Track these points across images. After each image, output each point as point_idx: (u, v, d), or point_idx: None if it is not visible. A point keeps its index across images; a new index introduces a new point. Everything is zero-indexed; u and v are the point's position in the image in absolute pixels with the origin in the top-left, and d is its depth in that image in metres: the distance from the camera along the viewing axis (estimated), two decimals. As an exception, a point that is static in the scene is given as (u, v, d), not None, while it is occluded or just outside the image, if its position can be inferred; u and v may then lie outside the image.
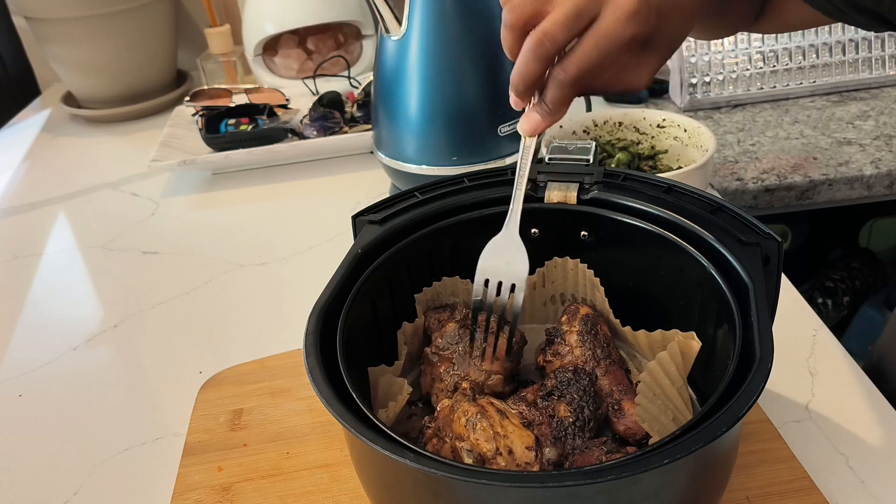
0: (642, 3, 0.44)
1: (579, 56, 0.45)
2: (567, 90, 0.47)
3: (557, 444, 0.49)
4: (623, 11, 0.44)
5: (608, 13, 0.44)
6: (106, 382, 0.74)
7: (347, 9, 1.30)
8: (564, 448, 0.49)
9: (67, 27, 1.26)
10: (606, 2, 0.44)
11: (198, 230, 1.00)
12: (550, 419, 0.50)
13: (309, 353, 0.46)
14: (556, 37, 0.44)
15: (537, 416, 0.50)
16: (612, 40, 0.44)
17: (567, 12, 0.44)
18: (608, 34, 0.44)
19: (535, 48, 0.45)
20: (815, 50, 1.18)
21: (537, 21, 0.45)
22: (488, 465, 0.45)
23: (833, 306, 1.32)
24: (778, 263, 0.51)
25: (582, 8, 0.44)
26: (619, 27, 0.44)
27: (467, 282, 0.61)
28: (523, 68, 0.46)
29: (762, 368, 0.41)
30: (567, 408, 0.51)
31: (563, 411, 0.51)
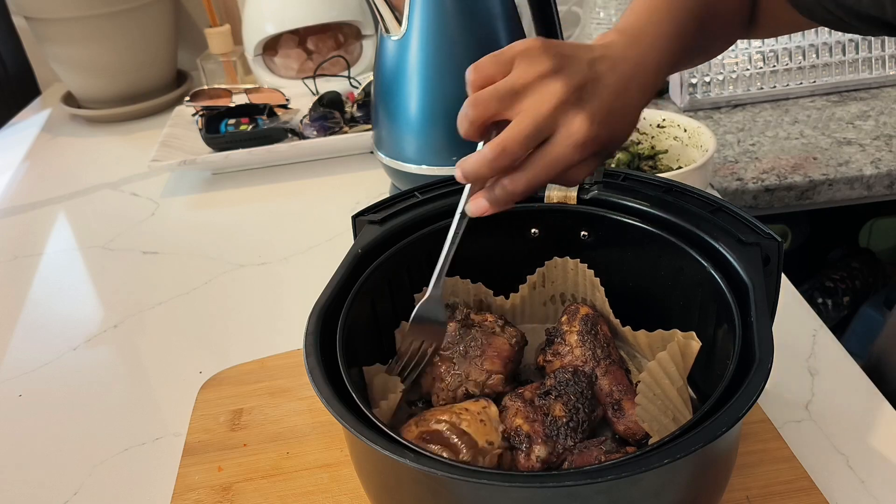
0: (593, 133, 0.47)
1: (529, 176, 0.48)
2: (514, 198, 0.49)
3: (548, 442, 0.49)
4: (574, 141, 0.47)
5: (560, 139, 0.47)
6: (106, 382, 0.74)
7: (347, 9, 1.30)
8: (555, 447, 0.49)
9: (67, 27, 1.26)
10: (561, 126, 0.47)
11: (198, 230, 1.00)
12: (545, 417, 0.50)
13: (309, 353, 0.46)
14: (513, 153, 0.47)
15: (531, 414, 0.50)
16: (564, 164, 0.47)
17: (527, 131, 0.46)
18: (558, 159, 0.47)
19: (493, 159, 0.47)
20: (815, 50, 1.18)
21: (496, 118, 0.48)
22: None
23: (833, 306, 1.32)
24: (778, 263, 0.51)
25: (541, 127, 0.46)
26: (569, 153, 0.47)
27: (467, 282, 0.61)
28: (476, 168, 0.48)
29: (762, 368, 0.41)
30: (562, 408, 0.51)
31: (557, 411, 0.51)
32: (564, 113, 0.47)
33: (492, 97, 0.47)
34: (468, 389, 0.54)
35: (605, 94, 0.48)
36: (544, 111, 0.46)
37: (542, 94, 0.47)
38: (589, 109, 0.47)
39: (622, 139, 0.51)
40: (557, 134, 0.47)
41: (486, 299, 0.62)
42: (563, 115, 0.47)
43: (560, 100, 0.46)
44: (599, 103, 0.48)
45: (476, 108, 0.48)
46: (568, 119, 0.47)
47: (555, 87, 0.46)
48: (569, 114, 0.47)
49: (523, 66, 0.47)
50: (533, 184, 0.48)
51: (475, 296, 0.62)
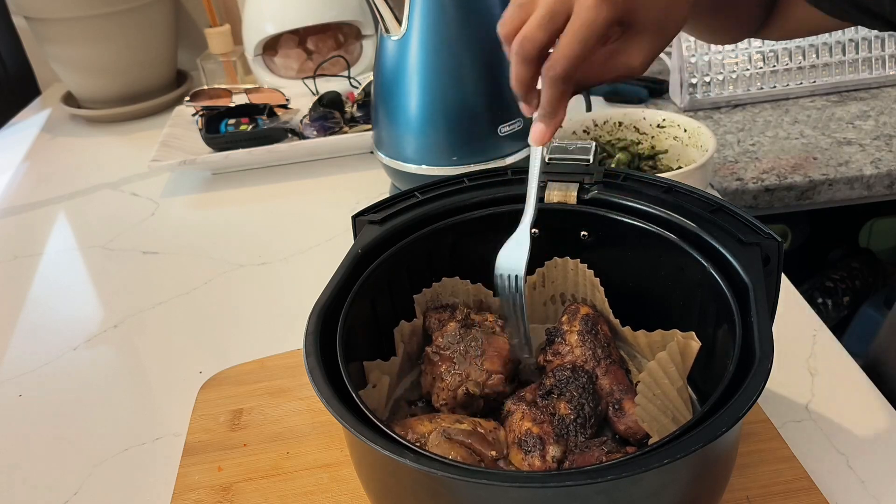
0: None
1: (562, 50, 0.47)
2: (559, 87, 0.48)
3: (560, 441, 0.49)
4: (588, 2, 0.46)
5: (577, 6, 0.46)
6: (106, 382, 0.74)
7: (347, 9, 1.30)
8: (567, 445, 0.49)
9: (67, 27, 1.26)
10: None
11: (198, 230, 1.00)
12: (552, 417, 0.51)
13: (309, 353, 0.46)
14: (534, 37, 0.47)
15: (538, 415, 0.50)
16: (589, 27, 0.46)
17: (541, 12, 0.47)
18: (584, 23, 0.46)
19: (519, 51, 0.48)
20: (815, 50, 1.18)
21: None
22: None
23: (833, 306, 1.32)
24: (778, 263, 0.51)
25: (554, 6, 0.47)
26: (593, 13, 0.46)
27: (467, 282, 0.61)
28: (514, 72, 0.49)
29: (762, 368, 0.41)
30: (567, 405, 0.51)
31: (563, 409, 0.51)
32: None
33: (512, 9, 0.48)
34: (468, 389, 0.54)
35: None
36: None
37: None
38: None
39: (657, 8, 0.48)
40: (575, 3, 0.46)
41: (486, 299, 0.62)
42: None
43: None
44: None
45: (503, 25, 0.49)
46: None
47: None
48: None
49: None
50: (569, 57, 0.47)
51: (475, 296, 0.62)
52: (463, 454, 0.48)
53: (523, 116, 0.86)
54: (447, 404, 0.54)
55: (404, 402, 0.58)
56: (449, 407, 0.54)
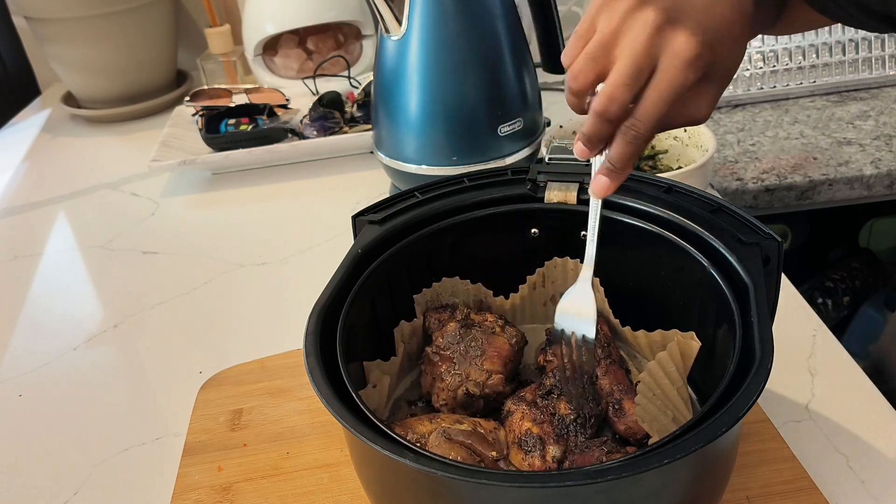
0: (699, 47, 0.43)
1: (647, 111, 0.45)
2: (637, 146, 0.46)
3: (560, 441, 0.49)
4: (682, 60, 0.43)
5: (667, 63, 0.44)
6: (106, 382, 0.74)
7: (347, 9, 1.30)
8: (567, 444, 0.49)
9: (67, 27, 1.26)
10: (662, 51, 0.44)
11: (198, 230, 1.00)
12: (552, 417, 0.51)
13: (309, 353, 0.46)
14: (620, 98, 0.44)
15: (538, 415, 0.50)
16: (676, 90, 0.44)
17: (627, 72, 0.44)
18: (671, 85, 0.44)
19: (602, 112, 0.45)
20: (815, 50, 1.18)
21: (599, 80, 0.46)
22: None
23: (833, 306, 1.32)
24: (778, 263, 0.51)
25: (641, 64, 0.44)
26: (681, 76, 0.44)
27: (467, 282, 0.61)
28: (592, 129, 0.46)
29: (762, 368, 0.41)
30: (567, 405, 0.51)
31: (563, 409, 0.51)
32: (662, 36, 0.43)
33: (585, 61, 0.45)
34: (468, 389, 0.54)
35: (697, 9, 0.44)
36: (641, 42, 0.43)
37: (633, 30, 0.44)
38: (686, 24, 0.43)
39: (731, 60, 0.46)
40: (662, 59, 0.44)
41: (486, 299, 0.62)
42: (662, 38, 0.43)
43: (654, 26, 0.43)
44: (696, 19, 0.44)
45: (575, 79, 0.46)
46: (668, 40, 0.43)
47: (644, 17, 0.43)
48: (667, 35, 0.43)
49: (604, 18, 0.45)
50: (653, 119, 0.45)
51: (475, 296, 0.62)
52: (463, 454, 0.48)
53: (523, 117, 0.86)
54: (447, 404, 0.54)
55: (404, 402, 0.58)
56: (449, 407, 0.54)
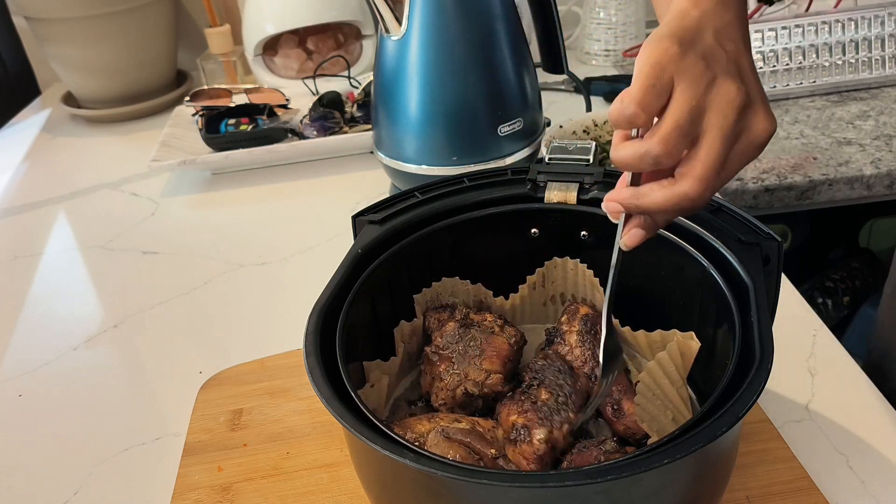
0: (774, 127, 0.44)
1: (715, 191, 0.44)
2: (687, 214, 0.46)
3: (544, 423, 0.49)
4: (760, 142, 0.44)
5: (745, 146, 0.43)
6: (106, 382, 0.74)
7: (347, 9, 1.30)
8: (552, 425, 0.49)
9: (67, 27, 1.26)
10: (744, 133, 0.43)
11: (198, 230, 1.00)
12: (533, 405, 0.51)
13: (309, 353, 0.46)
14: (713, 186, 0.43)
15: (520, 406, 0.50)
16: (742, 166, 0.44)
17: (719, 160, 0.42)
18: (743, 165, 0.44)
19: (696, 200, 0.43)
20: (815, 50, 1.18)
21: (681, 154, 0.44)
22: None
23: (833, 306, 1.32)
24: (778, 263, 0.51)
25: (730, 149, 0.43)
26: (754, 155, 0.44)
27: (467, 282, 0.61)
28: (674, 209, 0.44)
29: (762, 368, 0.41)
30: (546, 390, 0.51)
31: (543, 395, 0.51)
32: (746, 117, 0.43)
33: (678, 136, 0.42)
34: (467, 389, 0.54)
35: (750, 74, 0.44)
36: (730, 124, 0.42)
37: (720, 109, 0.42)
38: (760, 103, 0.44)
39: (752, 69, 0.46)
40: (741, 140, 0.43)
41: (486, 299, 0.62)
42: (745, 120, 0.43)
43: (740, 105, 0.42)
44: (755, 88, 0.44)
45: (669, 156, 0.42)
46: (751, 123, 0.43)
47: (729, 94, 0.42)
48: (750, 117, 0.43)
49: (685, 83, 0.42)
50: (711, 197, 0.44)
51: (475, 296, 0.62)
52: (462, 453, 0.48)
53: (523, 117, 0.86)
54: (446, 404, 0.54)
55: (404, 401, 0.58)
56: (448, 407, 0.54)
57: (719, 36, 0.44)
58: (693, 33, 0.44)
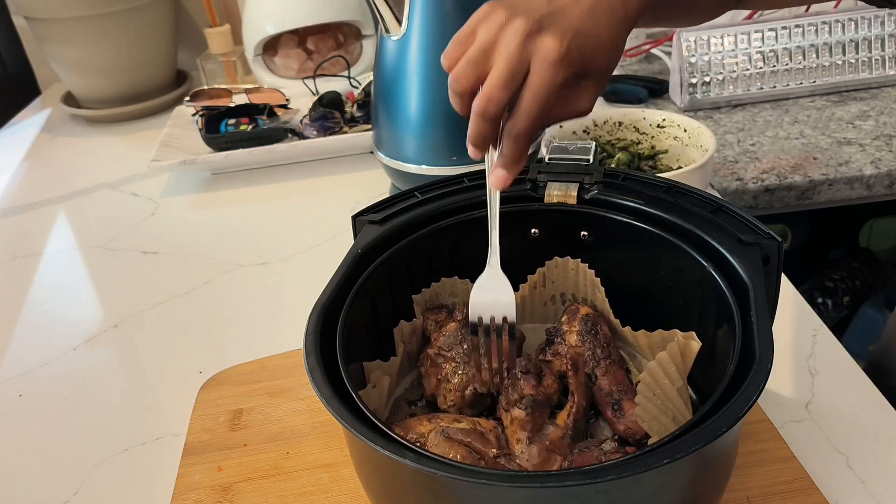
0: (564, 49, 0.48)
1: (524, 111, 0.49)
2: (522, 142, 0.50)
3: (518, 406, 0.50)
4: (549, 61, 0.48)
5: (536, 65, 0.48)
6: (106, 382, 0.74)
7: (347, 9, 1.30)
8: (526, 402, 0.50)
9: (67, 27, 1.26)
10: (533, 54, 0.48)
11: (198, 230, 1.00)
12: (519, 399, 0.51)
13: (309, 353, 0.46)
14: (498, 98, 0.49)
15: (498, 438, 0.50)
16: (547, 88, 0.48)
17: (502, 75, 0.48)
18: (543, 84, 0.48)
19: (483, 112, 0.49)
20: (815, 50, 1.18)
21: (479, 83, 0.50)
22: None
23: (833, 306, 1.32)
24: (778, 263, 0.51)
25: (514, 67, 0.48)
26: (550, 75, 0.48)
27: (466, 282, 0.61)
28: (477, 130, 0.50)
29: (762, 368, 0.41)
30: (520, 411, 0.50)
31: (516, 413, 0.50)
32: (531, 41, 0.48)
33: (466, 65, 0.49)
34: (476, 388, 0.54)
35: (568, 18, 0.49)
36: (513, 47, 0.48)
37: (507, 37, 0.48)
38: (555, 30, 0.48)
39: (603, 59, 0.51)
40: (532, 62, 0.48)
41: (486, 299, 0.62)
42: (531, 43, 0.48)
43: (524, 32, 0.48)
44: (564, 25, 0.49)
45: (457, 81, 0.50)
46: (536, 44, 0.48)
47: (516, 25, 0.48)
48: (536, 40, 0.48)
49: (483, 26, 0.50)
50: (530, 117, 0.49)
51: (475, 296, 0.62)
52: (462, 453, 0.48)
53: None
54: (455, 405, 0.54)
55: (404, 401, 0.58)
56: (457, 407, 0.54)
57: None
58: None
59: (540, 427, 0.50)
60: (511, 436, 0.50)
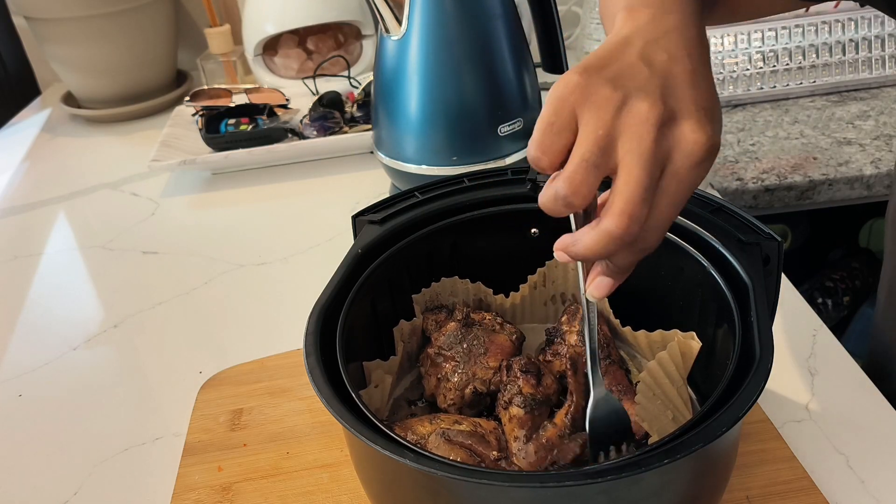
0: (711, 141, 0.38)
1: (660, 222, 0.39)
2: (647, 254, 0.41)
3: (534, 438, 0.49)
4: (696, 158, 0.38)
5: (680, 165, 0.38)
6: (106, 382, 0.74)
7: (347, 9, 1.30)
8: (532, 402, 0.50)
9: (67, 27, 1.26)
10: (674, 150, 0.38)
11: (198, 230, 1.00)
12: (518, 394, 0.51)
13: (309, 353, 0.46)
14: (640, 217, 0.38)
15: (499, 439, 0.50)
16: (689, 192, 0.39)
17: (644, 184, 0.37)
18: (686, 188, 0.39)
19: (623, 237, 0.38)
20: (815, 50, 1.18)
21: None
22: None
23: (833, 306, 1.32)
24: (778, 263, 0.51)
25: (654, 171, 0.38)
26: (696, 177, 0.39)
27: (466, 282, 0.61)
28: (601, 251, 0.39)
29: (762, 368, 0.41)
30: (518, 409, 0.50)
31: (514, 411, 0.51)
32: (668, 133, 0.38)
33: (586, 172, 0.38)
34: (476, 387, 0.54)
35: (684, 86, 0.39)
36: (647, 145, 0.37)
37: (633, 130, 0.38)
38: (689, 113, 0.39)
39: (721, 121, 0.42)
40: (673, 160, 0.38)
41: (486, 299, 0.62)
42: (669, 137, 0.38)
43: (656, 122, 0.38)
44: (687, 100, 0.39)
45: (577, 194, 0.38)
46: (677, 138, 0.38)
47: (640, 113, 0.38)
48: (674, 132, 0.38)
49: (590, 113, 0.38)
50: (664, 231, 0.40)
51: (475, 295, 0.62)
52: (463, 455, 0.48)
53: (523, 117, 0.86)
54: (455, 404, 0.54)
55: (404, 401, 0.58)
56: (457, 407, 0.54)
57: (648, 49, 0.40)
58: (610, 56, 0.40)
59: (538, 426, 0.50)
60: (509, 433, 0.50)
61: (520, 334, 0.58)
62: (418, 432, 0.50)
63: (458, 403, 0.54)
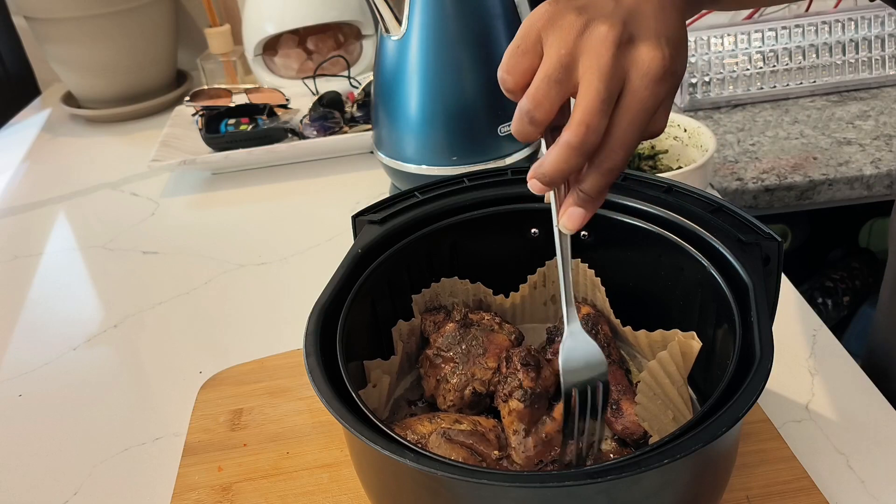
0: (668, 62, 0.41)
1: (620, 139, 0.41)
2: (613, 176, 0.42)
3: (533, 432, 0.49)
4: (652, 77, 0.40)
5: (637, 82, 0.40)
6: (106, 382, 0.74)
7: (347, 9, 1.30)
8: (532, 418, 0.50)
9: (67, 27, 1.26)
10: (630, 69, 0.40)
11: (198, 230, 1.00)
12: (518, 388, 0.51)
13: (309, 353, 0.46)
14: (597, 126, 0.40)
15: (499, 437, 0.51)
16: (648, 110, 0.41)
17: (600, 95, 0.40)
18: (644, 106, 0.41)
19: (581, 144, 0.40)
20: (815, 50, 1.18)
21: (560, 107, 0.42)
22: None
23: (833, 306, 1.32)
24: (778, 263, 0.51)
25: (611, 85, 0.40)
26: (653, 94, 0.41)
27: (466, 282, 0.61)
28: (566, 164, 0.41)
29: (762, 368, 0.41)
30: (518, 403, 0.50)
31: (514, 405, 0.51)
32: (626, 53, 0.40)
33: (547, 86, 0.41)
34: (475, 388, 0.54)
35: (648, 19, 0.42)
36: (606, 61, 0.40)
37: (592, 49, 0.40)
38: (648, 37, 0.41)
39: (683, 67, 0.44)
40: (630, 79, 0.40)
41: (486, 299, 0.62)
42: (627, 56, 0.40)
43: (614, 41, 0.40)
44: (653, 29, 0.41)
45: (540, 107, 0.41)
46: (634, 57, 0.40)
47: (601, 32, 0.40)
48: (631, 51, 0.40)
49: (554, 34, 0.41)
50: (626, 149, 0.41)
51: (474, 295, 0.62)
52: (464, 455, 0.48)
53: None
54: (454, 405, 0.54)
55: (404, 401, 0.58)
56: (456, 407, 0.54)
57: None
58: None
59: (537, 420, 0.50)
60: (508, 427, 0.50)
61: (519, 334, 0.58)
62: (418, 432, 0.50)
63: (457, 404, 0.54)
